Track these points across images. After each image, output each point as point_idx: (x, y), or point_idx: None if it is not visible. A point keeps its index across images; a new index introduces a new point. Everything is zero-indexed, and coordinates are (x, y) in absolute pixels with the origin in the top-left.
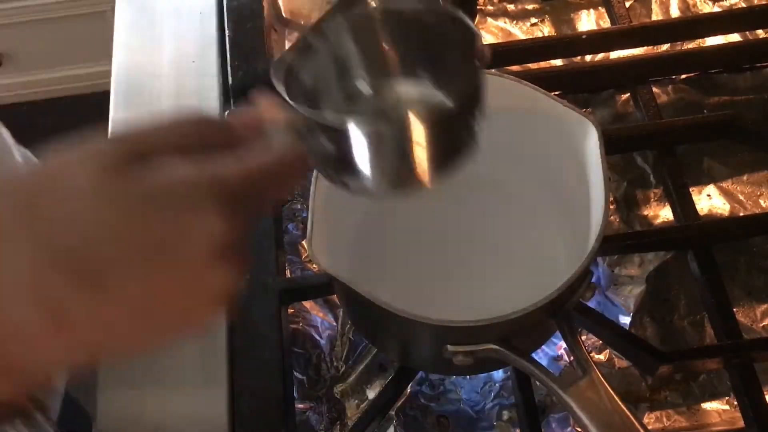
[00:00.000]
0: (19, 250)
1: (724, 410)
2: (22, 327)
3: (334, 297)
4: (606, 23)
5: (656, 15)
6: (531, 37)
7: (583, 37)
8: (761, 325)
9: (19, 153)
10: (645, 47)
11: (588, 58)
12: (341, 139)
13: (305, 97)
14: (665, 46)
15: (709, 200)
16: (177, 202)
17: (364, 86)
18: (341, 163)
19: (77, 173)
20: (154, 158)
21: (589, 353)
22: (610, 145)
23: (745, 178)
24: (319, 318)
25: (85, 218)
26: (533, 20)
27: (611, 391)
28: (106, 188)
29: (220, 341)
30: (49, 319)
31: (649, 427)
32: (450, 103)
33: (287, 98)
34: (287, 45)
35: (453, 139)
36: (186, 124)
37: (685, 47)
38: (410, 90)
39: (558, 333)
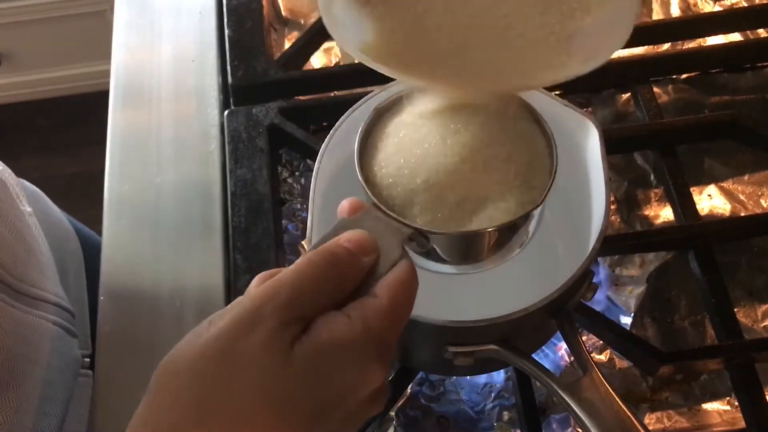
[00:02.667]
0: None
1: (725, 410)
2: None
3: None
4: None
5: (657, 14)
6: None
7: None
8: (762, 325)
9: (23, 194)
10: (646, 47)
11: None
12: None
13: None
14: (666, 46)
15: (710, 200)
16: (343, 363)
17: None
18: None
19: (248, 350)
20: (312, 316)
21: (590, 353)
22: (611, 145)
23: (746, 178)
24: None
25: (269, 391)
26: None
27: (612, 392)
28: (277, 360)
29: None
30: None
31: (650, 428)
32: (520, 214)
33: (383, 207)
34: (287, 45)
35: (510, 235)
36: (324, 268)
37: (686, 47)
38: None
39: (559, 333)
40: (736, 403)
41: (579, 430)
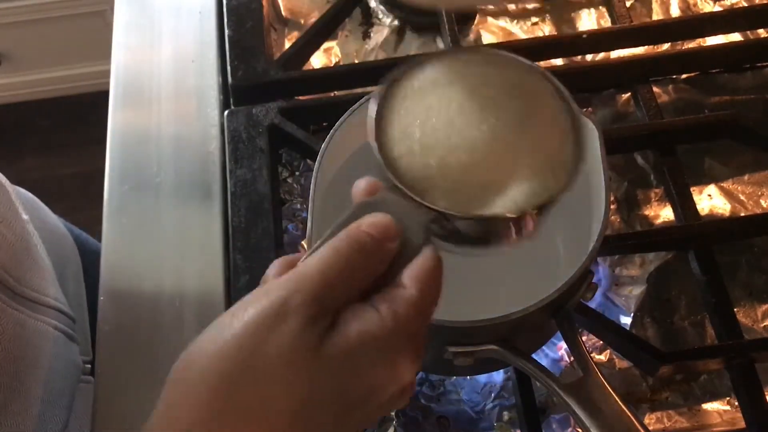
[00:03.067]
0: None
1: (724, 410)
2: None
3: None
4: (607, 23)
5: (657, 14)
6: (532, 36)
7: (584, 36)
8: (762, 325)
9: (19, 202)
10: (646, 47)
11: (589, 57)
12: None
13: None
14: (666, 46)
15: (710, 200)
16: (372, 358)
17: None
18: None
19: (274, 348)
20: (339, 309)
21: (590, 354)
22: (611, 145)
23: (746, 178)
24: None
25: (293, 392)
26: (534, 20)
27: (612, 392)
28: (305, 358)
29: None
30: None
31: (650, 428)
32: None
33: (405, 190)
34: (287, 45)
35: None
36: (350, 257)
37: (686, 47)
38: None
39: (558, 333)
40: (736, 403)
41: (579, 430)
